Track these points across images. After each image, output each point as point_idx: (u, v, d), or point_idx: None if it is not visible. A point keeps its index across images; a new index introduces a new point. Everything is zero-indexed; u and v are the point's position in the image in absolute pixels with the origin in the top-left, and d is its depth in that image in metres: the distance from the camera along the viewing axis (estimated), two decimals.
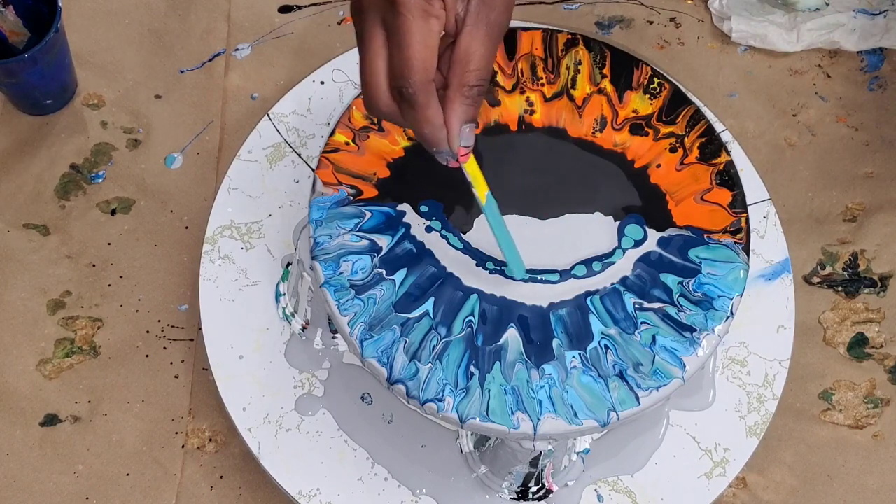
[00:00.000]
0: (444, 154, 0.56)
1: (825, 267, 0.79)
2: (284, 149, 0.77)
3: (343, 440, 0.70)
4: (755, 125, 0.83)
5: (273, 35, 0.85)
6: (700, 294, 0.63)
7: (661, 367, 0.61)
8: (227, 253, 0.74)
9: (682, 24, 0.86)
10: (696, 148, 0.67)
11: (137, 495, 0.72)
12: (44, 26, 0.76)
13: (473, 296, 0.63)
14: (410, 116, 0.55)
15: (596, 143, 0.67)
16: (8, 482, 0.72)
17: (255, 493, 0.72)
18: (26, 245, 0.77)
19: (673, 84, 0.68)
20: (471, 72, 0.54)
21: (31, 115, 0.81)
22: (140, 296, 0.77)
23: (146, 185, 0.80)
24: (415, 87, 0.53)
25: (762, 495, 0.73)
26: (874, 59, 0.85)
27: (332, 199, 0.65)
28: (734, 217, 0.65)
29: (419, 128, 0.55)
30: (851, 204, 0.81)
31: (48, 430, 0.73)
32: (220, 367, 0.71)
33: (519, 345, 0.61)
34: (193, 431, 0.74)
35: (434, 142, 0.55)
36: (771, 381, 0.72)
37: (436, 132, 0.55)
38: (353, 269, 0.63)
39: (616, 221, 0.65)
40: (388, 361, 0.60)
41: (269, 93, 0.83)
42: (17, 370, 0.74)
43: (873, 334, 0.77)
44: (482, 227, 0.65)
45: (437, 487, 0.69)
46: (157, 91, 0.83)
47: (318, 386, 0.72)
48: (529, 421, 0.59)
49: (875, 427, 0.75)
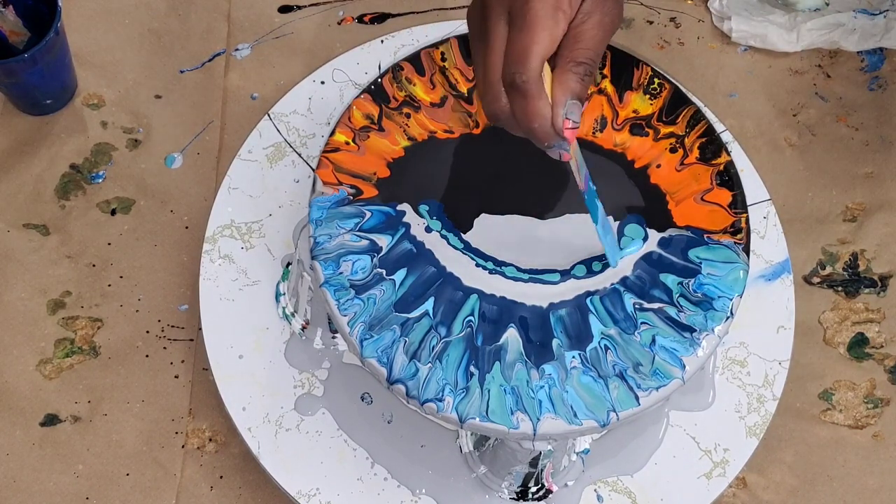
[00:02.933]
0: (554, 147, 0.56)
1: (825, 267, 0.79)
2: (284, 148, 0.77)
3: (343, 440, 0.70)
4: (755, 125, 0.83)
5: (273, 35, 0.85)
6: (700, 294, 0.63)
7: (661, 367, 0.61)
8: (227, 253, 0.74)
9: (682, 24, 0.86)
10: (697, 148, 0.67)
11: (137, 495, 0.72)
12: (44, 26, 0.76)
13: (473, 296, 0.63)
14: (520, 108, 0.54)
15: (596, 143, 0.67)
16: (8, 482, 0.72)
17: (255, 493, 0.72)
18: (26, 245, 0.77)
19: (673, 84, 0.68)
20: (580, 49, 0.55)
21: (31, 115, 0.81)
22: (140, 296, 0.77)
23: (146, 185, 0.80)
24: (529, 75, 0.53)
25: (762, 495, 0.73)
26: (874, 59, 0.85)
27: (332, 198, 0.65)
28: (734, 217, 0.65)
29: (528, 121, 0.55)
30: (851, 204, 0.81)
31: (48, 430, 0.73)
32: (219, 367, 0.71)
33: (519, 345, 0.61)
34: (193, 431, 0.74)
35: (543, 135, 0.55)
36: (771, 381, 0.72)
37: (545, 126, 0.55)
38: (353, 269, 0.63)
39: (616, 221, 0.65)
40: (388, 361, 0.60)
41: (269, 93, 0.83)
42: (17, 370, 0.74)
43: (873, 334, 0.77)
44: (482, 227, 0.65)
45: (437, 487, 0.69)
46: (157, 91, 0.83)
47: (318, 386, 0.72)
48: (529, 421, 0.59)
49: (875, 427, 0.75)
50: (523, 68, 0.53)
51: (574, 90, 0.55)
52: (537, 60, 0.54)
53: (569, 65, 0.55)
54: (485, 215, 0.65)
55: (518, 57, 0.53)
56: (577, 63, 0.55)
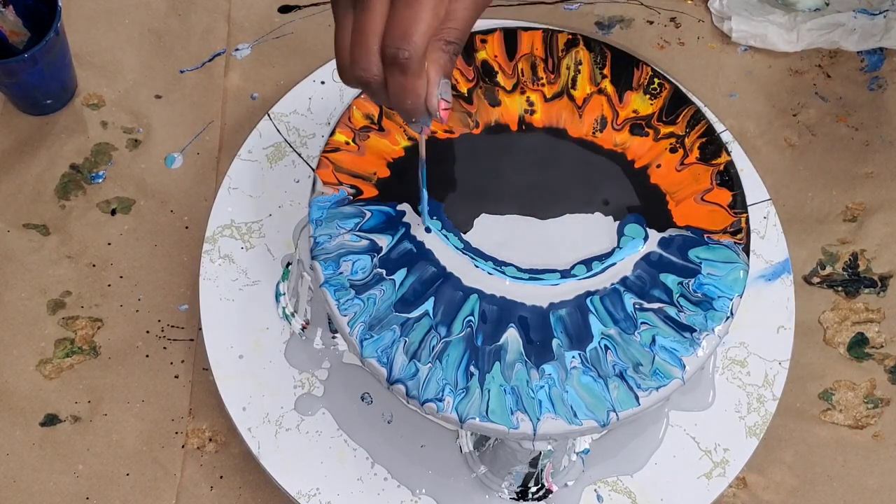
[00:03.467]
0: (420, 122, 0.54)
1: (825, 267, 0.79)
2: (284, 148, 0.77)
3: (343, 440, 0.70)
4: (755, 125, 0.83)
5: (273, 35, 0.85)
6: (700, 294, 0.63)
7: (661, 367, 0.61)
8: (227, 253, 0.74)
9: (682, 24, 0.86)
10: (697, 148, 0.67)
11: (137, 495, 0.72)
12: (44, 26, 0.76)
13: (473, 296, 0.63)
14: (397, 84, 0.53)
15: (596, 143, 0.67)
16: (8, 482, 0.72)
17: (255, 493, 0.72)
18: (26, 245, 0.77)
19: (673, 84, 0.68)
20: (450, 28, 0.53)
21: (31, 115, 0.81)
22: (140, 296, 0.77)
23: (146, 185, 0.80)
24: (413, 53, 0.51)
25: (762, 495, 0.73)
26: (874, 59, 0.85)
27: (332, 198, 0.65)
28: (734, 217, 0.65)
29: (404, 97, 0.53)
30: (851, 204, 0.81)
31: (48, 430, 0.73)
32: (219, 367, 0.71)
33: (519, 345, 0.61)
34: (193, 431, 0.74)
35: (414, 112, 0.54)
36: (771, 381, 0.72)
37: (419, 103, 0.53)
38: (353, 269, 0.63)
39: (616, 221, 0.65)
40: (388, 361, 0.60)
41: (269, 93, 0.83)
42: (17, 370, 0.74)
43: (873, 334, 0.77)
44: (482, 227, 0.65)
45: (437, 487, 0.69)
46: (157, 91, 0.83)
47: (318, 386, 0.72)
48: (529, 421, 0.59)
49: (875, 427, 0.75)
50: (408, 44, 0.51)
51: (447, 69, 0.53)
52: (424, 39, 0.51)
53: (439, 43, 0.53)
54: (485, 215, 0.65)
55: (404, 32, 0.51)
56: (448, 42, 0.53)
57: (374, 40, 0.52)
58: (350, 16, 0.53)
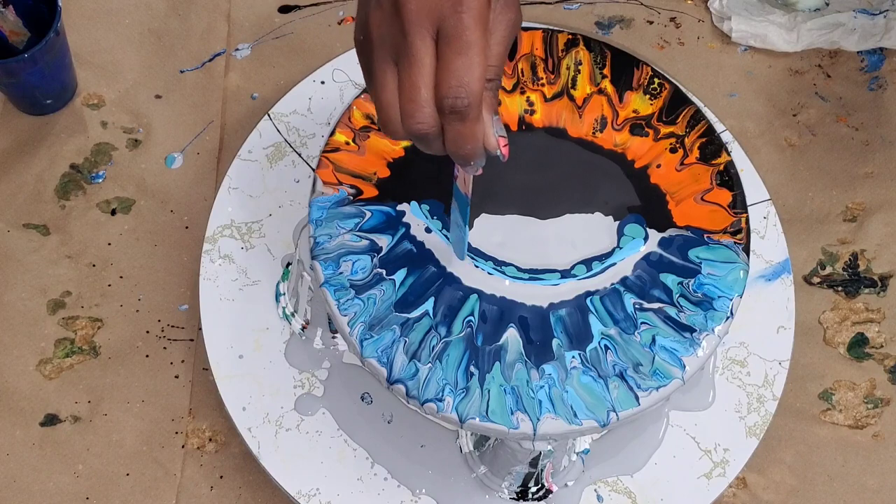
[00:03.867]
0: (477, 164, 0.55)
1: (825, 267, 0.79)
2: (285, 148, 0.77)
3: (343, 440, 0.70)
4: (755, 125, 0.83)
5: (273, 35, 0.85)
6: (700, 294, 0.63)
7: (661, 367, 0.61)
8: (227, 253, 0.74)
9: (682, 24, 0.86)
10: (697, 148, 0.67)
11: (137, 495, 0.72)
12: (44, 26, 0.76)
13: (473, 296, 0.63)
14: (457, 132, 0.52)
15: (596, 143, 0.67)
16: (8, 482, 0.72)
17: (255, 493, 0.72)
18: (26, 245, 0.77)
19: (673, 84, 0.68)
20: (490, 66, 0.53)
21: (31, 115, 0.81)
22: (140, 296, 0.77)
23: (146, 185, 0.80)
24: (472, 100, 0.51)
25: (762, 495, 0.73)
26: (874, 59, 0.85)
27: (332, 198, 0.65)
28: (734, 217, 0.65)
29: (463, 143, 0.53)
30: (851, 204, 0.81)
31: (48, 430, 0.73)
32: (219, 367, 0.71)
33: (519, 345, 0.61)
34: (193, 431, 0.74)
35: (475, 155, 0.54)
36: (771, 381, 0.72)
37: (478, 147, 0.53)
38: (353, 269, 0.63)
39: (616, 221, 0.65)
40: (388, 361, 0.60)
41: (269, 93, 0.83)
42: (17, 370, 0.74)
43: (873, 334, 0.77)
44: (482, 227, 0.65)
45: (437, 487, 0.69)
46: (157, 91, 0.83)
47: (318, 386, 0.72)
48: (529, 421, 0.59)
49: (875, 427, 0.75)
50: (466, 92, 0.51)
51: (494, 106, 0.54)
52: (480, 84, 0.51)
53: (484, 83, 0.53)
54: (485, 215, 0.65)
55: (460, 81, 0.51)
56: (489, 80, 0.53)
57: (428, 93, 0.52)
58: (390, 70, 0.52)
